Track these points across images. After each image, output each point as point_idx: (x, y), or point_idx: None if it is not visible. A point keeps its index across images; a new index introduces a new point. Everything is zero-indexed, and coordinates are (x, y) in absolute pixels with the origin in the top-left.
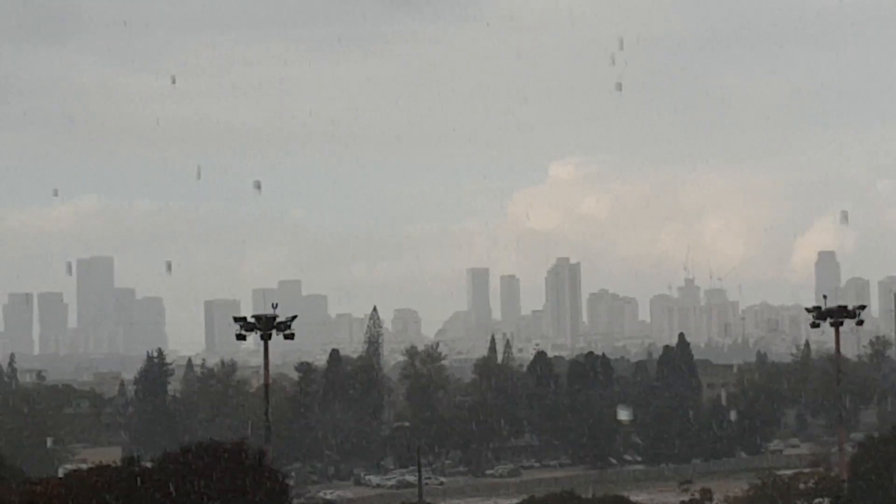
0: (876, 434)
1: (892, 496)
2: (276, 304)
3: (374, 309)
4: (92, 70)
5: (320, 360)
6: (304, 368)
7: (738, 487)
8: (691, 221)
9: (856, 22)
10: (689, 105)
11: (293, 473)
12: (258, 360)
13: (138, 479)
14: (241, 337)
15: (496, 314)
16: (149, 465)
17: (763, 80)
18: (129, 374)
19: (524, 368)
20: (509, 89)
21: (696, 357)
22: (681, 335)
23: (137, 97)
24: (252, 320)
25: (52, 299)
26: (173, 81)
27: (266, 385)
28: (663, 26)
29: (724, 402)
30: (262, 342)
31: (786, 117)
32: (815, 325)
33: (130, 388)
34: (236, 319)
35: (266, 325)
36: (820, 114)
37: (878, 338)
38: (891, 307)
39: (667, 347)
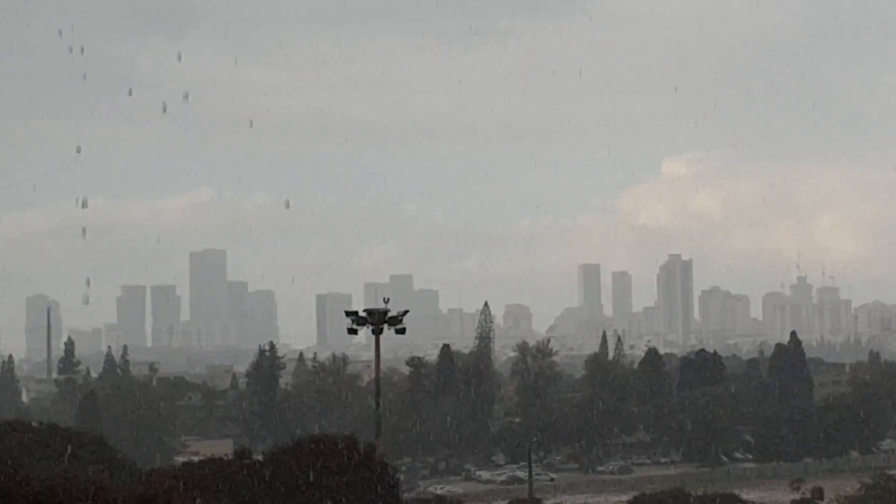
0: None
1: None
2: (388, 299)
3: (486, 304)
4: (207, 63)
5: (431, 354)
6: (416, 363)
7: (850, 486)
8: (805, 218)
9: None
10: (805, 100)
11: (403, 468)
12: (369, 354)
13: (249, 471)
14: (352, 331)
15: (607, 311)
16: (260, 458)
17: (881, 74)
18: (241, 368)
19: (635, 365)
20: (622, 85)
21: (808, 355)
22: (793, 333)
23: (252, 90)
24: (363, 315)
25: (165, 292)
26: (288, 75)
27: (377, 379)
28: (779, 20)
29: (836, 400)
30: (373, 336)
31: None
32: None
33: (242, 381)
34: (348, 314)
35: (377, 320)
36: None
37: None
38: None
39: (779, 345)
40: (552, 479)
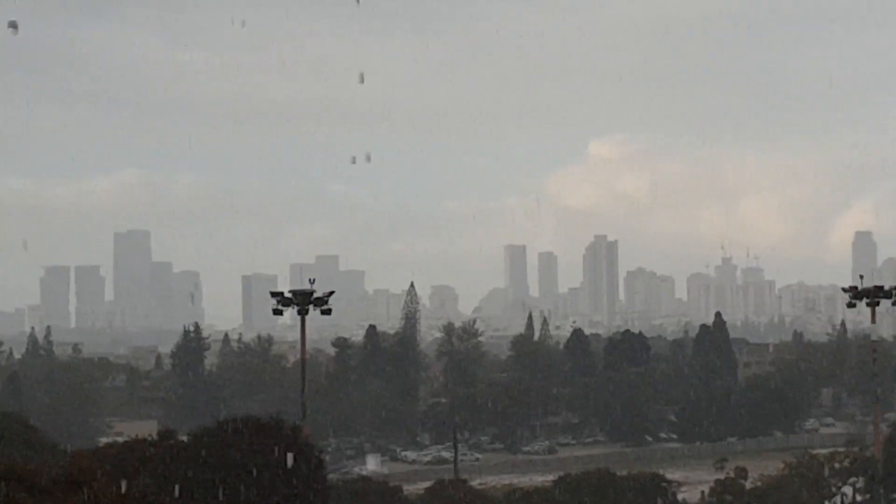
0: None
1: None
2: (314, 280)
3: (412, 285)
4: (136, 45)
5: (357, 335)
6: (341, 344)
7: (773, 466)
8: (730, 200)
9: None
10: (731, 84)
11: (329, 449)
12: (295, 335)
13: (173, 452)
14: (277, 312)
15: (533, 291)
16: (184, 439)
17: (807, 59)
18: (166, 349)
19: (561, 346)
20: (549, 68)
21: (732, 336)
22: (717, 314)
23: (180, 72)
24: (289, 295)
25: (89, 272)
26: (208, 58)
27: (303, 360)
28: (705, 5)
29: (760, 380)
30: (298, 317)
31: (828, 97)
32: (851, 305)
33: (167, 363)
34: (273, 294)
35: (303, 301)
36: (862, 93)
37: None
38: None
39: (703, 326)
40: (477, 460)
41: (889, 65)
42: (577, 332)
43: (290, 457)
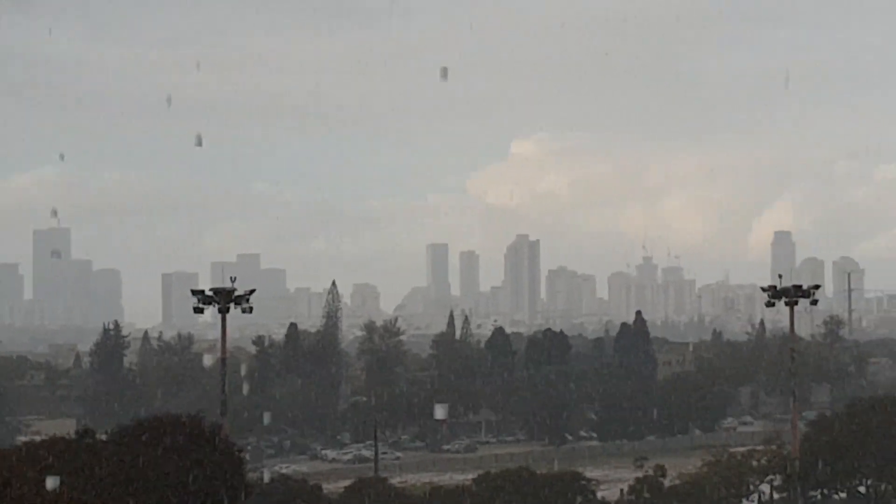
0: (828, 412)
1: (843, 474)
2: (235, 278)
3: (333, 283)
4: (57, 39)
5: (278, 334)
6: (262, 342)
7: (692, 464)
8: (652, 200)
9: (819, 5)
10: (655, 84)
11: (249, 447)
12: (215, 333)
13: (92, 451)
14: (198, 310)
15: (455, 290)
16: (103, 437)
17: (729, 59)
18: (85, 347)
19: (482, 345)
20: (473, 65)
21: (652, 334)
22: (638, 313)
23: (102, 68)
24: (210, 293)
25: (8, 270)
26: (139, 52)
27: (223, 358)
28: (632, 4)
29: (679, 379)
30: (219, 315)
31: (750, 97)
32: (770, 304)
33: (86, 361)
34: (194, 292)
35: (224, 299)
36: (783, 94)
37: (831, 317)
38: (844, 287)
39: (624, 325)
40: (398, 458)
41: (810, 65)
42: (499, 331)
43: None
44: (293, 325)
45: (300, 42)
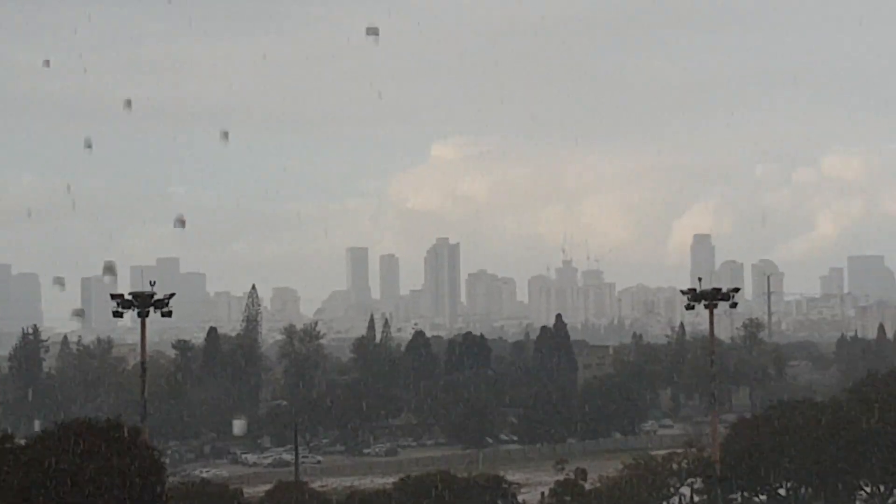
0: (748, 415)
1: (763, 476)
2: (154, 282)
3: (253, 287)
4: None
5: (198, 338)
6: (182, 346)
7: (613, 467)
8: (572, 203)
9: (737, 10)
10: (575, 87)
11: (169, 451)
12: (135, 337)
13: (10, 457)
14: (117, 314)
15: (375, 294)
16: (22, 442)
17: (649, 62)
18: (3, 351)
19: (402, 348)
20: (393, 69)
21: (572, 338)
22: (558, 316)
23: (19, 70)
24: (129, 297)
25: None
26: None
27: (143, 363)
28: (551, 8)
29: (599, 382)
30: (139, 320)
31: (669, 101)
32: (689, 307)
33: (4, 365)
34: (113, 297)
35: (143, 303)
36: (702, 98)
37: (751, 320)
38: (764, 290)
39: (544, 328)
40: (319, 462)
41: (729, 69)
42: (419, 335)
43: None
44: (213, 330)
45: (219, 46)
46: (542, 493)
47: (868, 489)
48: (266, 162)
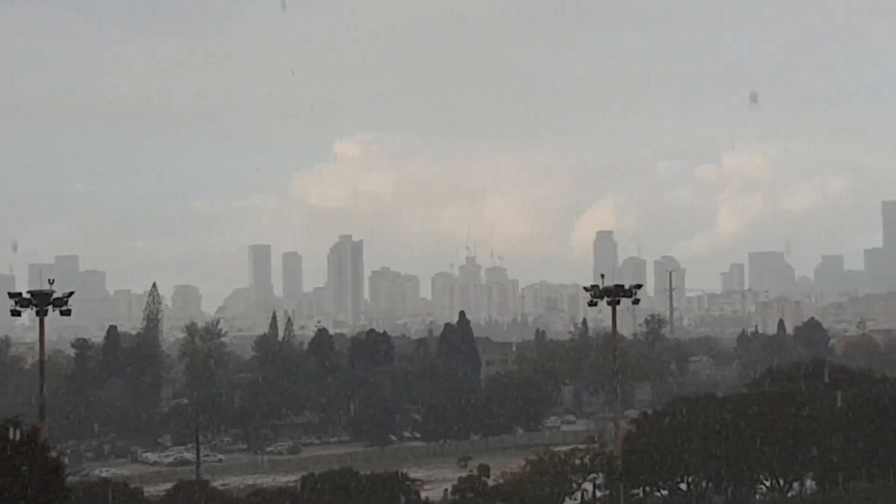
0: (650, 411)
1: (664, 471)
2: (53, 280)
3: (154, 285)
4: None
5: (98, 336)
6: (81, 345)
7: (516, 463)
8: (476, 200)
9: (642, 9)
10: (479, 84)
11: (68, 451)
12: (33, 336)
13: None
14: (15, 313)
15: (278, 291)
16: None
17: (553, 62)
18: None
19: (305, 346)
20: (298, 66)
21: (476, 335)
22: (461, 313)
23: None
24: (27, 296)
25: None
26: None
27: (41, 362)
28: (457, 4)
29: (502, 379)
30: (37, 318)
31: (573, 99)
32: (592, 304)
33: None
34: (11, 295)
35: (42, 301)
36: (605, 95)
37: (653, 316)
38: (666, 286)
39: (447, 325)
40: (220, 461)
41: (634, 68)
42: (322, 332)
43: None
44: (112, 328)
45: (122, 44)
46: (446, 490)
47: (768, 483)
48: (168, 160)
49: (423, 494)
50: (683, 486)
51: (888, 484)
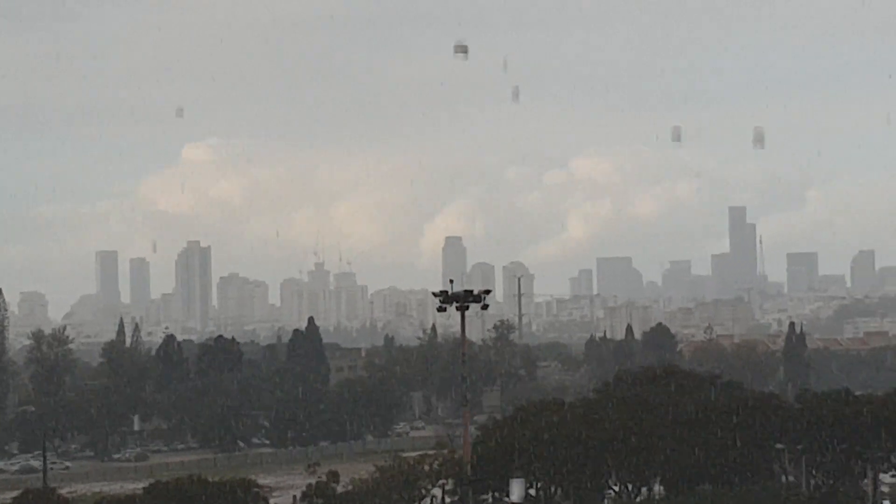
0: (498, 416)
1: (512, 475)
2: None
3: (0, 292)
4: None
5: None
6: None
7: (365, 469)
8: (325, 205)
9: (487, 11)
10: (330, 88)
11: None
12: None
13: None
14: None
15: (125, 297)
16: None
17: (400, 65)
18: None
19: (153, 352)
20: (144, 69)
21: (325, 340)
22: (310, 319)
23: None
24: None
25: None
26: None
27: None
28: (306, 7)
29: (352, 385)
30: None
31: (421, 103)
32: (441, 309)
33: None
34: None
35: None
36: (453, 100)
37: (502, 321)
38: (514, 292)
39: (296, 331)
40: (67, 468)
41: (482, 71)
42: (170, 339)
43: None
44: None
45: None
46: (294, 497)
47: (616, 488)
48: (12, 163)
49: (271, 501)
50: (532, 492)
51: (734, 487)
